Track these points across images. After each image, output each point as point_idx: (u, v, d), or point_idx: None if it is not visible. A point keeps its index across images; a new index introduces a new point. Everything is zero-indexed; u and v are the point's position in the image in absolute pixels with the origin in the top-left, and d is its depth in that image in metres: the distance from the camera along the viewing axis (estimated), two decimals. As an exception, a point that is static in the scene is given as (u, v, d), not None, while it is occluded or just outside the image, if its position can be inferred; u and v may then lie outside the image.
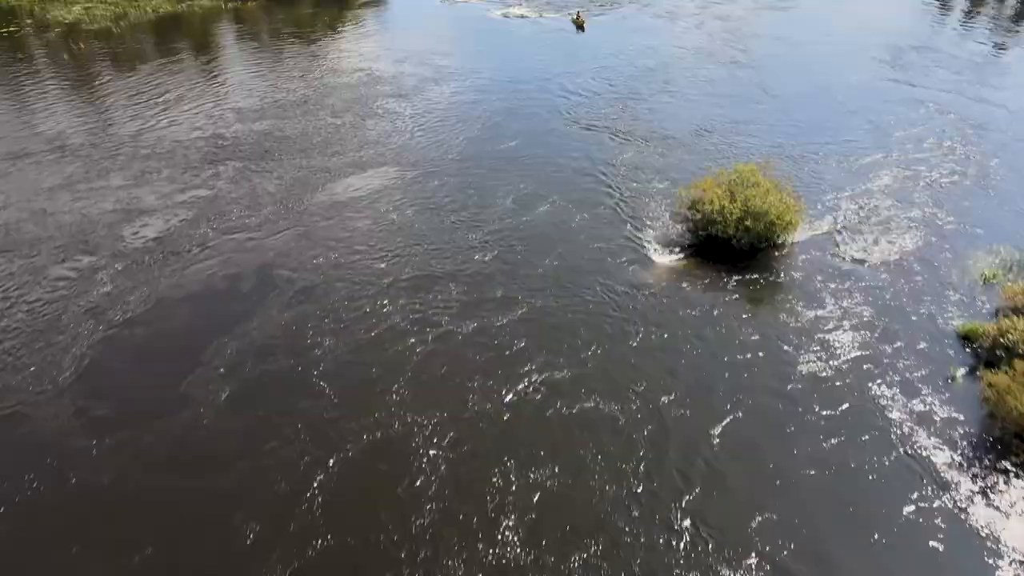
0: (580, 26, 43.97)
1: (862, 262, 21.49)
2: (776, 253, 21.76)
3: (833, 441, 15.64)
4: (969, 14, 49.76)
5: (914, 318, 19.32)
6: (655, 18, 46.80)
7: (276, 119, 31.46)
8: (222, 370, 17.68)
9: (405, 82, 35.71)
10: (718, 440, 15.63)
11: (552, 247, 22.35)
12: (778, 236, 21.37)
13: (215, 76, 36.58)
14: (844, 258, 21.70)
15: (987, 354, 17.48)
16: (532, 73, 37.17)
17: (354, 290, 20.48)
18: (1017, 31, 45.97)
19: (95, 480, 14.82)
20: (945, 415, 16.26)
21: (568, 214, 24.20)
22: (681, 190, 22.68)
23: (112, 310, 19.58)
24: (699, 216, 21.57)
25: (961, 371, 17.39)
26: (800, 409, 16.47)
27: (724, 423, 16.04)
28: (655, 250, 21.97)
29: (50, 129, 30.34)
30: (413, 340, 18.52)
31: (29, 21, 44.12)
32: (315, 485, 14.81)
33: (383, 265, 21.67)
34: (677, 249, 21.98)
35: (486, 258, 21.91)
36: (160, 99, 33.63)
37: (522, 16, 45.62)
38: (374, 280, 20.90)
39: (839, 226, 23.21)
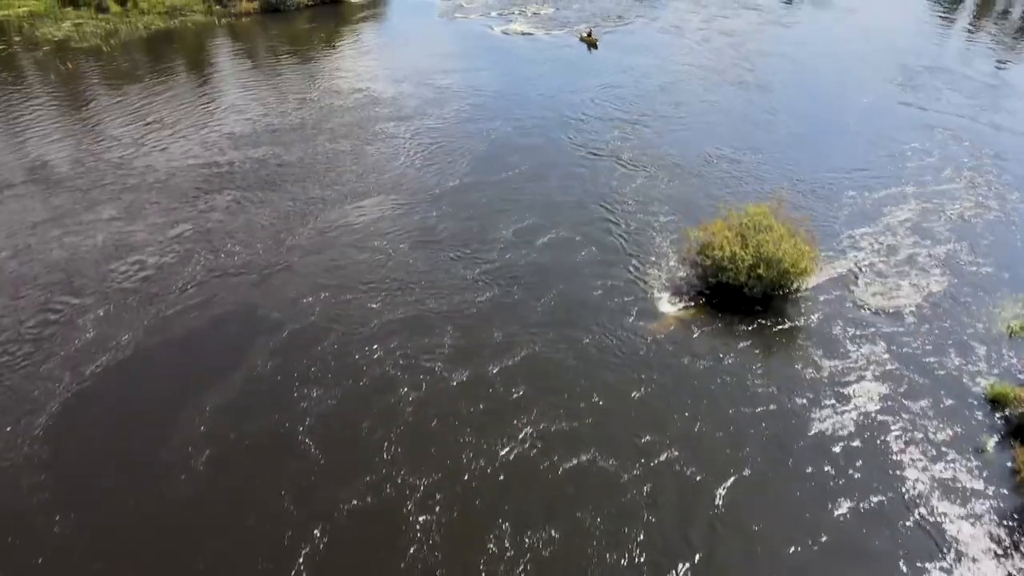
0: (592, 45, 42.44)
1: (882, 310, 20.39)
2: (790, 300, 20.66)
3: (845, 509, 14.61)
4: (975, 29, 48.66)
5: (939, 373, 18.22)
6: (661, 34, 45.72)
7: (272, 145, 30.42)
8: (202, 429, 16.65)
9: (405, 104, 34.67)
10: (721, 503, 14.68)
11: (553, 287, 21.34)
12: (792, 282, 20.26)
13: (209, 98, 35.52)
14: (862, 304, 20.60)
15: (1018, 419, 16.36)
16: (536, 94, 36.15)
17: (344, 334, 19.48)
18: (1029, 48, 44.98)
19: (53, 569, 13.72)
20: (972, 485, 15.20)
21: (571, 250, 23.14)
22: (690, 232, 21.58)
23: (91, 361, 18.49)
24: (708, 262, 20.46)
25: (990, 439, 16.30)
26: (810, 470, 15.45)
27: (728, 484, 15.08)
28: (661, 295, 20.87)
29: (37, 156, 29.28)
30: (404, 390, 17.58)
31: (18, 38, 43.08)
32: (300, 561, 13.81)
33: (375, 305, 20.68)
34: (684, 295, 20.87)
35: (483, 298, 20.92)
36: (151, 123, 32.59)
37: (523, 33, 44.40)
38: (365, 322, 19.92)
39: (856, 267, 22.13)
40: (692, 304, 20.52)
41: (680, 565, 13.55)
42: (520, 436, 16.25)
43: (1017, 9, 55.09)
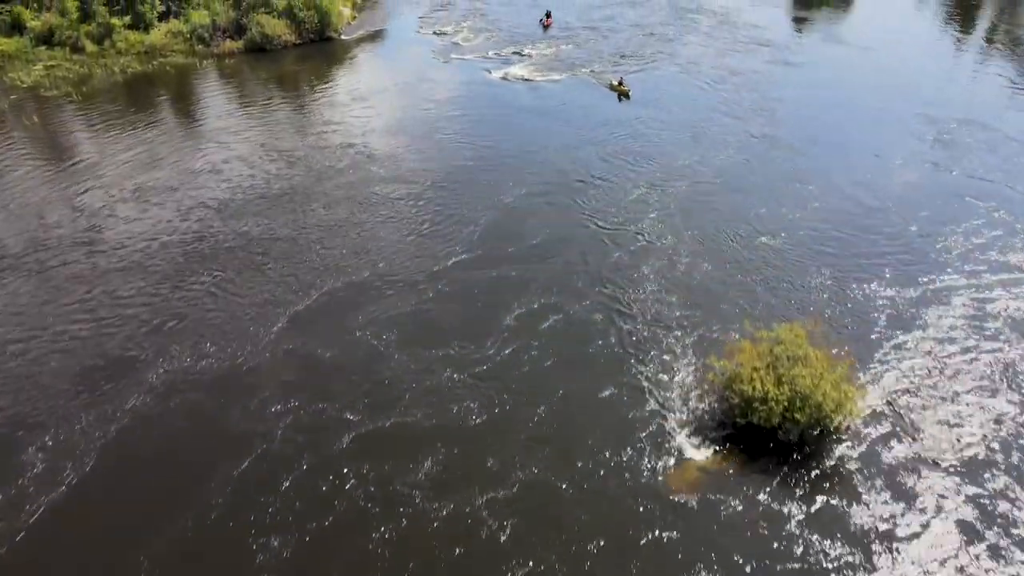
0: (624, 95, 38.61)
1: (937, 460, 17.49)
2: (829, 440, 17.78)
3: None
4: (1003, 70, 45.63)
5: (1009, 552, 15.34)
6: (672, 77, 42.74)
7: (257, 215, 27.75)
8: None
9: (401, 163, 31.91)
10: None
11: (556, 403, 18.98)
12: (832, 423, 17.38)
13: (187, 155, 32.71)
14: (913, 450, 17.74)
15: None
16: (541, 150, 33.08)
17: (313, 455, 17.48)
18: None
19: None
20: None
21: (574, 361, 20.47)
22: (714, 360, 18.73)
23: (28, 502, 16.43)
24: (736, 399, 17.59)
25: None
26: None
27: None
28: (680, 432, 18.06)
29: (-12, 231, 26.72)
30: (380, 531, 15.66)
31: (-15, 83, 40.37)
32: None
33: (353, 416, 18.56)
34: (708, 436, 18.02)
35: (476, 410, 18.68)
36: (123, 187, 29.84)
37: (524, 79, 41.24)
38: (338, 439, 17.86)
39: (903, 394, 19.27)
40: (717, 448, 17.68)
41: None
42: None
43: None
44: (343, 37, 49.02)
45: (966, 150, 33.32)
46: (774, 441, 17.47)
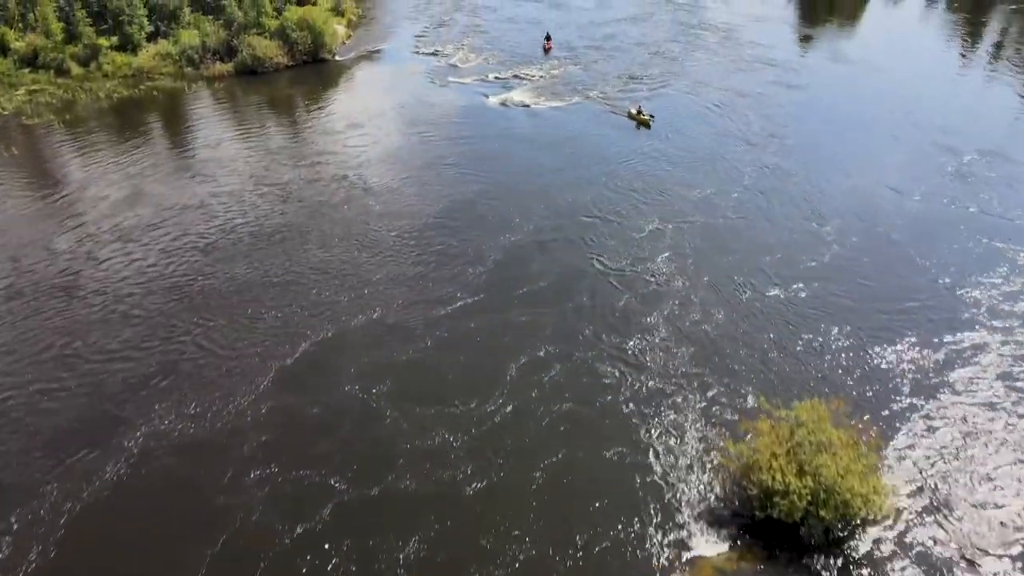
0: (645, 124, 36.96)
1: (978, 551, 15.98)
2: (856, 532, 16.29)
3: None
4: (1011, 90, 44.18)
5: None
6: (679, 104, 41.29)
7: (248, 257, 26.47)
8: None
9: (399, 196, 30.56)
10: None
11: (555, 474, 17.59)
12: (858, 519, 15.90)
13: (175, 190, 31.23)
14: (952, 540, 16.23)
15: None
16: (550, 188, 31.43)
17: (293, 528, 16.31)
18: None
19: None
20: None
21: (579, 422, 19.18)
22: (730, 444, 17.25)
23: None
24: (754, 490, 16.11)
25: None
26: None
27: None
28: (693, 525, 16.54)
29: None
30: None
31: (-34, 111, 38.92)
32: None
33: (336, 483, 17.45)
34: (724, 530, 16.49)
35: (469, 480, 17.42)
36: (105, 226, 28.46)
37: (524, 104, 39.71)
38: (318, 511, 16.67)
39: (935, 475, 17.76)
40: (733, 543, 16.17)
41: None
42: None
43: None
44: (338, 58, 47.58)
45: (985, 185, 31.79)
46: (795, 535, 15.97)
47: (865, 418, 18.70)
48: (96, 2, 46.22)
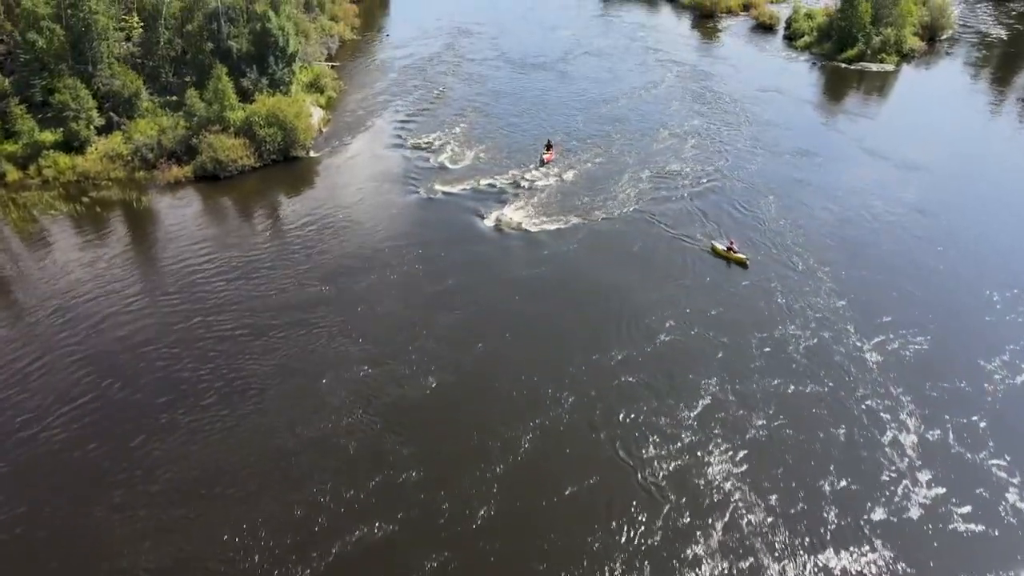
0: (741, 264, 31.21)
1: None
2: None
3: None
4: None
5: None
6: (730, 217, 36.01)
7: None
8: None
9: (391, 385, 25.43)
10: None
11: None
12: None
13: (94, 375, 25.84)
14: None
15: None
16: (557, 371, 26.08)
17: None
18: None
19: None
20: None
21: None
22: None
23: None
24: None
25: None
26: None
27: None
28: None
29: None
30: None
31: None
32: None
33: None
34: None
35: None
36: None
37: (520, 228, 33.84)
38: None
39: None
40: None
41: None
42: None
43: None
44: (312, 154, 41.81)
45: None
46: None
47: None
48: (39, 91, 41.03)
